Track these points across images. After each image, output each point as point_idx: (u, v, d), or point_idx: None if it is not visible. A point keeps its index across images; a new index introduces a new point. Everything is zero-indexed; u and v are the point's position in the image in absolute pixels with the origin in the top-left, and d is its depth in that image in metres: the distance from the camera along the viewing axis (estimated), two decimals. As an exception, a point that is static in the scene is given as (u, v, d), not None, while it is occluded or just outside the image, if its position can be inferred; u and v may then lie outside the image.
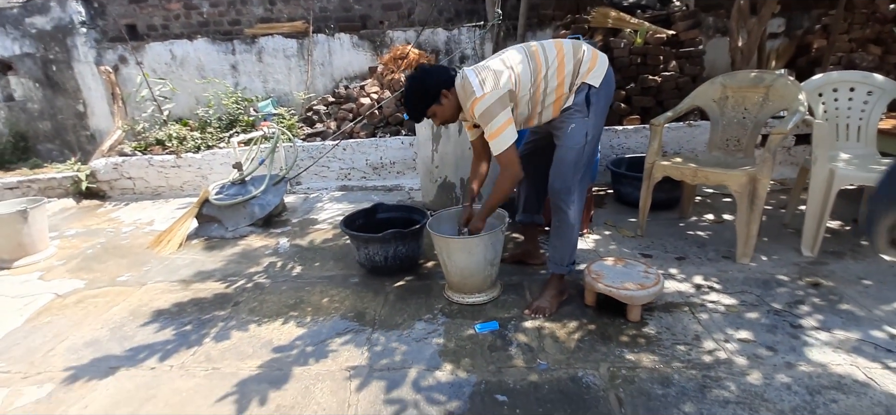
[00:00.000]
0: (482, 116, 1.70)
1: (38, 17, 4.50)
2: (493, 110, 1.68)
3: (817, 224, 2.14)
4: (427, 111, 1.80)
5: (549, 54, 1.77)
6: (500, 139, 1.70)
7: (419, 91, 1.78)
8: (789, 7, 3.98)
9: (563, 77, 1.76)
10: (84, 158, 4.58)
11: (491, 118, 1.69)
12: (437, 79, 1.78)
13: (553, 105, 1.80)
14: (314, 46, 4.46)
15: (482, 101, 1.68)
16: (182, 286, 2.30)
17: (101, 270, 2.57)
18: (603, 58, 1.80)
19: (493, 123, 1.69)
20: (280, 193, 3.16)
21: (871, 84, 2.35)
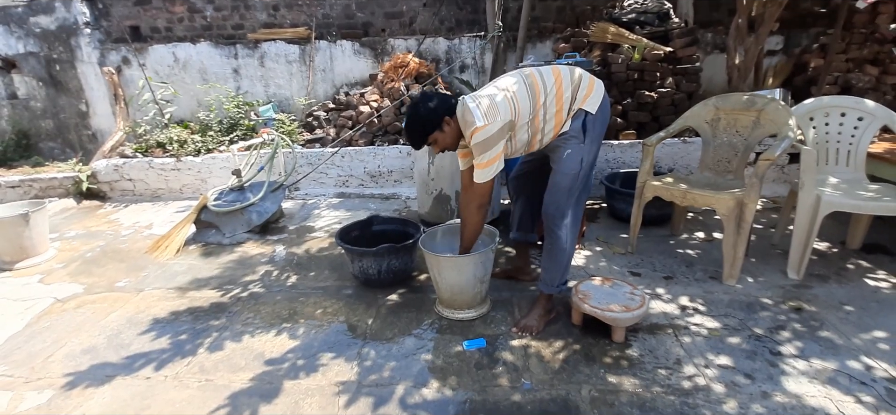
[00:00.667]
0: (478, 145, 1.73)
1: (42, 16, 4.55)
2: (490, 142, 1.71)
3: (803, 248, 2.17)
4: (429, 138, 1.81)
5: (548, 82, 1.78)
6: (487, 171, 1.76)
7: (422, 118, 1.78)
8: (787, 25, 4.01)
9: (562, 104, 1.77)
10: (85, 157, 4.63)
11: (486, 150, 1.73)
12: (439, 106, 1.79)
13: (553, 131, 1.82)
14: (316, 52, 4.51)
15: (482, 131, 1.70)
16: (178, 294, 2.34)
17: (99, 274, 2.62)
18: (599, 84, 1.83)
19: (486, 155, 1.73)
20: (278, 200, 3.20)
21: (862, 110, 2.38)
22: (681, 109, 3.54)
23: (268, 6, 4.56)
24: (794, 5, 3.77)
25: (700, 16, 4.18)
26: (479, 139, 1.72)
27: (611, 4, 4.11)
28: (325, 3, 4.53)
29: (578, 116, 1.78)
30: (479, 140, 1.72)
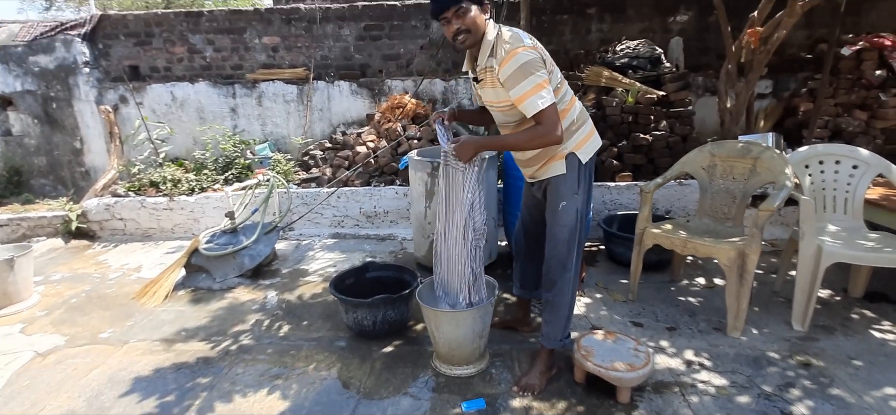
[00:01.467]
0: (522, 68, 1.53)
1: (42, 55, 4.58)
2: (534, 64, 1.54)
3: (807, 299, 2.14)
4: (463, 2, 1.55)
5: (569, 91, 1.77)
6: (541, 95, 1.53)
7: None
8: (776, 70, 4.11)
9: (567, 113, 1.72)
10: (77, 193, 4.57)
11: (531, 72, 1.52)
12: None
13: None
14: (314, 92, 4.55)
15: (526, 52, 1.54)
16: (165, 346, 2.24)
17: (83, 323, 2.52)
18: (597, 137, 1.83)
19: (535, 78, 1.53)
20: (271, 242, 3.14)
21: (857, 158, 2.40)
22: (675, 151, 3.58)
23: (267, 48, 4.64)
24: (782, 51, 3.88)
25: (690, 60, 4.28)
26: (523, 58, 1.52)
27: (603, 49, 4.21)
28: (324, 45, 4.61)
29: (572, 162, 1.74)
30: (525, 60, 1.52)
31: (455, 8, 1.56)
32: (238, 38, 4.61)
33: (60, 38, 4.53)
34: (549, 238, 1.81)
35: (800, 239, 2.14)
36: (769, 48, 3.20)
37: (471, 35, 1.60)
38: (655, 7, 4.41)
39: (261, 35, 4.61)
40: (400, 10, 4.54)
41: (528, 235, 2.04)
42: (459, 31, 1.59)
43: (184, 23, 4.61)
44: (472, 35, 1.60)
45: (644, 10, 4.42)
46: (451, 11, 1.57)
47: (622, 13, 4.44)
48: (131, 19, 4.65)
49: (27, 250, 2.78)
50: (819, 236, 2.16)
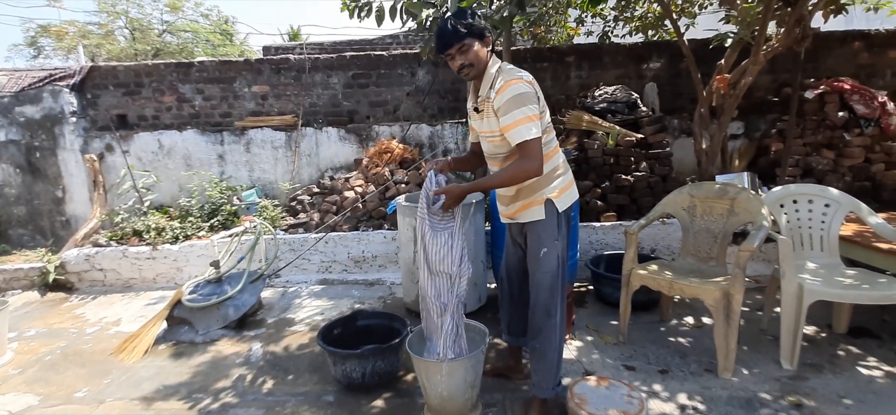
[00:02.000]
0: (516, 98, 1.61)
1: (28, 106, 4.57)
2: (529, 97, 1.63)
3: (793, 337, 2.16)
4: (467, 39, 1.66)
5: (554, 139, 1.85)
6: (528, 127, 1.60)
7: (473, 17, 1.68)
8: (746, 112, 4.32)
9: (550, 158, 1.78)
10: (56, 243, 4.45)
11: (523, 104, 1.61)
12: (487, 28, 1.71)
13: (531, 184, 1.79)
14: (302, 139, 4.60)
15: (523, 84, 1.63)
16: (143, 406, 2.14)
17: (58, 382, 2.39)
18: (574, 191, 1.90)
19: (527, 109, 1.61)
20: (257, 291, 3.08)
21: (828, 197, 2.50)
22: (656, 191, 3.68)
23: (257, 96, 4.72)
24: (750, 95, 4.10)
25: (665, 103, 4.48)
26: (517, 90, 1.61)
27: (583, 95, 4.40)
28: (313, 93, 4.71)
29: (551, 209, 1.78)
30: (517, 92, 1.61)
31: (459, 44, 1.67)
32: (228, 87, 4.69)
33: (49, 89, 4.55)
34: (532, 285, 1.82)
35: (781, 277, 2.19)
36: (738, 93, 3.38)
37: (474, 68, 1.71)
38: (629, 55, 4.65)
39: (250, 84, 4.70)
40: (386, 59, 4.70)
41: (512, 280, 2.06)
42: (463, 66, 1.71)
43: (174, 73, 4.68)
44: (476, 68, 1.71)
45: (619, 58, 4.65)
46: (455, 48, 1.68)
47: (599, 61, 4.67)
48: (121, 70, 4.71)
49: (2, 306, 2.68)
50: (799, 274, 2.22)
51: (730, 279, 2.12)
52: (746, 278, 3.28)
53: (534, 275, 1.82)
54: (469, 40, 1.67)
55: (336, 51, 5.95)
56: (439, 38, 1.70)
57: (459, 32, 1.65)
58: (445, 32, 1.67)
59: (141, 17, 13.11)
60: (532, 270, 1.82)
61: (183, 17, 13.57)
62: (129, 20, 13.00)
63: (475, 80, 1.79)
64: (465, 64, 1.69)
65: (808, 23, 3.16)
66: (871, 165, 3.82)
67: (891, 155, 3.83)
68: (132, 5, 12.90)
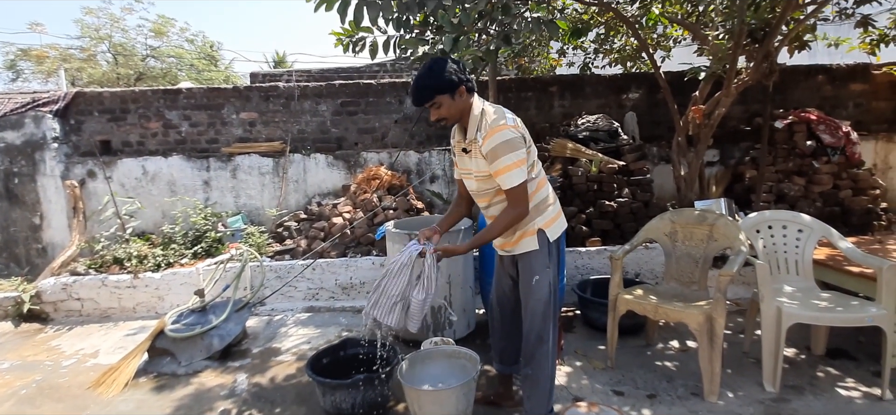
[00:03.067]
0: (504, 144, 1.66)
1: (9, 131, 4.48)
2: (515, 143, 1.68)
3: (774, 359, 2.23)
4: (436, 97, 1.70)
5: (542, 172, 1.90)
6: (518, 172, 1.68)
7: (441, 74, 1.69)
8: (721, 140, 4.52)
9: (538, 191, 1.84)
10: (32, 272, 4.30)
11: (511, 150, 1.66)
12: (461, 74, 1.72)
13: None
14: (290, 165, 4.61)
15: (508, 131, 1.67)
16: (121, 443, 2.06)
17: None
18: (563, 221, 1.95)
19: (514, 155, 1.67)
20: (242, 320, 3.02)
21: (800, 223, 2.62)
22: (639, 217, 3.79)
23: (245, 123, 4.73)
24: (724, 124, 4.29)
25: (644, 132, 4.66)
26: (503, 137, 1.65)
27: (566, 123, 4.54)
28: (302, 120, 4.75)
29: (542, 239, 1.84)
30: (504, 139, 1.65)
31: (429, 103, 1.75)
32: (215, 113, 4.70)
33: (31, 115, 4.47)
34: (525, 313, 1.85)
35: (760, 301, 2.27)
36: (712, 123, 3.55)
37: (450, 119, 1.78)
38: (609, 86, 4.84)
39: (238, 111, 4.71)
40: (375, 87, 4.79)
41: (503, 308, 2.08)
42: (439, 119, 1.78)
43: (161, 99, 4.67)
44: (452, 118, 1.78)
45: (600, 89, 4.84)
46: (426, 105, 1.76)
47: (581, 91, 4.84)
48: (107, 96, 4.68)
49: (-29, 340, 2.57)
50: (777, 298, 2.30)
51: (712, 303, 2.19)
52: (727, 301, 3.38)
53: (526, 303, 1.85)
54: (439, 97, 1.71)
55: (324, 78, 6.03)
56: (413, 96, 1.77)
57: (426, 94, 1.72)
58: (416, 92, 1.74)
59: (125, 42, 13.06)
60: (525, 298, 1.86)
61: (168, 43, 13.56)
62: (112, 45, 12.92)
63: (458, 124, 1.85)
64: (440, 117, 1.76)
65: (774, 58, 3.37)
66: (840, 191, 4.01)
67: (857, 182, 4.04)
68: (116, 30, 12.85)
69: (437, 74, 1.70)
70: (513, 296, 2.00)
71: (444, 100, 1.72)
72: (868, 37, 3.74)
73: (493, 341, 2.17)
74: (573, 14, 4.30)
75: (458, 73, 1.72)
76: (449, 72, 1.70)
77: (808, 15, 3.30)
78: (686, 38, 4.54)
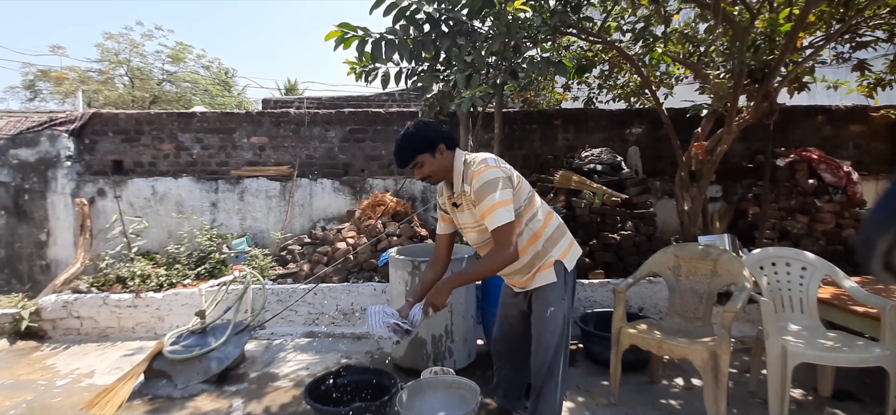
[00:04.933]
0: (485, 185, 1.65)
1: (24, 149, 4.59)
2: (498, 183, 1.65)
3: (780, 400, 2.18)
4: (417, 157, 1.73)
5: (544, 206, 1.89)
6: (504, 211, 1.63)
7: (418, 133, 1.73)
8: (723, 176, 4.55)
9: (545, 227, 1.83)
10: (33, 289, 4.30)
11: (493, 190, 1.64)
12: (439, 131, 1.75)
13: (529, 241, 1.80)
14: (296, 189, 4.67)
15: (489, 171, 1.66)
16: (113, 466, 2.02)
17: (19, 439, 2.25)
18: (577, 249, 1.95)
19: (498, 195, 1.63)
20: (241, 344, 3.00)
21: (804, 261, 2.61)
22: (642, 250, 3.78)
23: (255, 147, 4.82)
24: (726, 160, 4.34)
25: (647, 166, 4.71)
26: (486, 177, 1.64)
27: (570, 156, 4.60)
28: (310, 146, 4.84)
29: (560, 269, 1.84)
30: (487, 179, 1.64)
31: (411, 164, 1.77)
32: (227, 137, 4.80)
33: (47, 133, 4.59)
34: (535, 345, 1.83)
35: (765, 339, 2.24)
36: (715, 159, 3.59)
37: (434, 177, 1.80)
38: (612, 120, 4.93)
39: (249, 135, 4.81)
40: (383, 116, 4.90)
41: (510, 342, 2.05)
42: (424, 178, 1.81)
43: (175, 122, 4.79)
44: (436, 176, 1.80)
45: (603, 123, 4.93)
46: (408, 168, 1.78)
47: (584, 124, 4.93)
48: (123, 117, 4.81)
49: (-31, 355, 2.56)
50: (783, 336, 2.27)
51: (716, 340, 2.16)
52: (732, 339, 3.33)
53: (538, 334, 1.83)
54: (419, 156, 1.75)
55: (334, 106, 6.17)
56: (395, 159, 1.81)
57: (407, 154, 1.75)
58: (397, 155, 1.78)
59: (143, 66, 13.48)
60: (537, 329, 1.83)
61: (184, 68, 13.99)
62: (130, 69, 13.34)
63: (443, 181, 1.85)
64: (424, 176, 1.79)
65: (774, 98, 3.44)
66: (842, 230, 4.00)
67: (859, 221, 4.04)
68: (135, 55, 13.30)
69: (415, 135, 1.74)
70: (521, 327, 1.97)
71: (426, 159, 1.75)
72: (865, 80, 3.83)
73: (498, 375, 2.14)
74: (578, 51, 4.43)
75: (437, 132, 1.75)
76: (427, 131, 1.74)
77: (806, 58, 3.39)
78: (688, 76, 4.65)
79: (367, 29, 2.48)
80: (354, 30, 2.47)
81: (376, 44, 2.46)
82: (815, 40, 3.44)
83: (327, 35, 2.47)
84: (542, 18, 2.67)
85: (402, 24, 2.49)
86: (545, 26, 2.77)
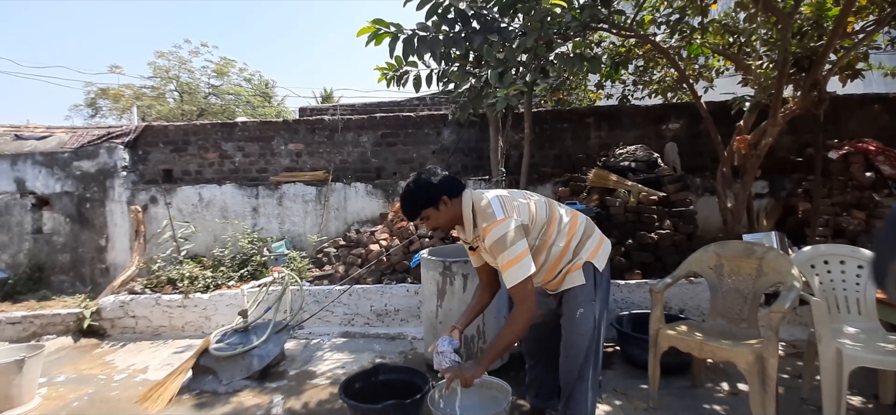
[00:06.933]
0: (495, 244, 1.63)
1: (86, 161, 4.99)
2: (509, 238, 1.62)
3: (836, 407, 2.04)
4: (421, 212, 1.77)
5: (567, 212, 1.87)
6: (517, 269, 1.60)
7: (419, 189, 1.77)
8: (769, 171, 4.31)
9: (571, 238, 1.82)
10: (94, 290, 4.66)
11: (504, 248, 1.62)
12: (440, 184, 1.77)
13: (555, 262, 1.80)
14: (332, 193, 4.82)
15: (498, 228, 1.63)
16: (166, 454, 2.15)
17: (84, 428, 2.44)
18: (607, 244, 1.92)
19: (510, 251, 1.61)
20: (281, 342, 3.13)
21: (861, 258, 2.43)
22: (681, 249, 3.64)
23: (292, 153, 5.02)
24: (772, 154, 4.11)
25: (686, 163, 4.53)
26: (496, 235, 1.62)
27: (603, 154, 4.50)
28: (344, 151, 4.99)
29: (589, 270, 1.82)
30: (497, 237, 1.62)
31: (419, 219, 1.81)
32: (266, 144, 5.02)
33: (105, 145, 4.97)
34: (564, 346, 1.81)
35: (818, 342, 2.10)
36: (759, 153, 3.41)
37: (443, 227, 1.83)
38: (648, 116, 4.78)
39: (287, 142, 5.02)
40: (414, 120, 4.97)
41: (542, 340, 2.04)
42: (434, 228, 1.85)
43: (219, 132, 5.06)
44: (445, 226, 1.83)
45: (638, 119, 4.79)
46: (417, 222, 1.83)
47: (618, 122, 4.81)
48: (172, 129, 5.13)
49: (38, 351, 2.78)
50: (837, 339, 2.12)
51: (763, 342, 2.05)
52: (783, 343, 3.14)
53: (568, 336, 1.81)
54: (424, 211, 1.77)
55: (367, 112, 6.33)
56: (404, 215, 1.84)
57: (413, 211, 1.79)
58: (405, 211, 1.82)
59: (190, 81, 14.33)
60: (566, 330, 1.82)
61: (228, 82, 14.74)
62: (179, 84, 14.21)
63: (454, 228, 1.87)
64: (433, 228, 1.83)
65: (823, 87, 3.23)
66: (907, 226, 3.69)
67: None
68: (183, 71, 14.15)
69: (416, 192, 1.77)
70: (553, 325, 1.96)
71: (431, 212, 1.78)
72: (929, 64, 3.53)
73: (530, 374, 2.13)
74: (611, 47, 4.33)
75: (438, 185, 1.77)
76: (428, 186, 1.76)
77: (858, 43, 3.16)
78: (729, 68, 4.44)
79: (400, 25, 2.50)
80: (387, 26, 2.49)
81: (408, 40, 2.47)
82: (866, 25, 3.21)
83: (360, 31, 2.48)
84: (571, 14, 2.63)
85: (434, 21, 2.51)
86: (575, 22, 2.73)
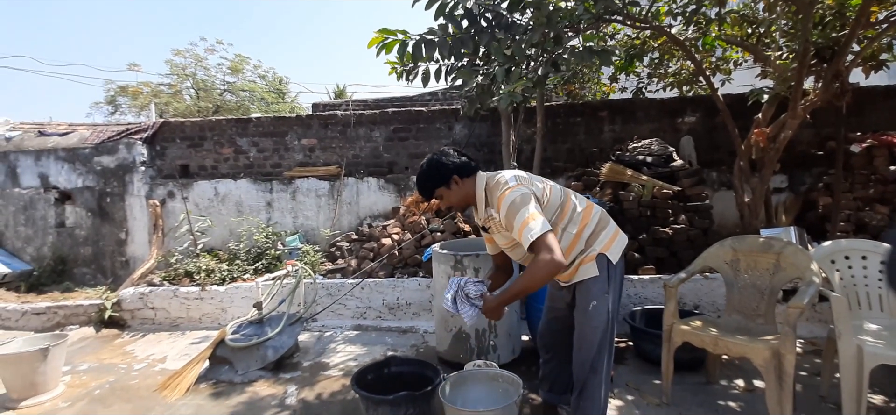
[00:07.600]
0: (511, 207, 1.63)
1: (106, 156, 5.12)
2: (521, 201, 1.63)
3: (856, 406, 1.99)
4: (435, 191, 1.82)
5: (581, 202, 1.87)
6: (534, 223, 1.58)
7: (432, 169, 1.80)
8: (789, 165, 4.21)
9: (584, 226, 1.81)
10: (115, 282, 4.78)
11: (520, 208, 1.62)
12: (452, 164, 1.79)
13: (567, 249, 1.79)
14: (344, 187, 4.86)
15: (512, 192, 1.65)
16: (184, 441, 2.21)
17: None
18: (622, 237, 1.90)
19: (525, 211, 1.61)
20: (295, 334, 3.18)
21: (882, 253, 2.37)
22: (697, 245, 3.58)
23: (305, 148, 5.07)
24: (791, 148, 4.01)
25: (701, 156, 4.44)
26: (511, 198, 1.64)
27: (617, 148, 4.44)
28: (356, 145, 5.02)
29: (602, 262, 1.81)
30: (512, 200, 1.64)
31: (433, 198, 1.86)
32: (280, 140, 5.08)
33: (124, 141, 5.09)
34: (577, 339, 1.81)
35: (837, 339, 2.06)
36: (778, 146, 3.33)
37: (456, 205, 1.87)
38: (663, 109, 4.70)
39: (300, 137, 5.07)
40: (426, 114, 4.98)
41: (556, 335, 2.03)
42: (448, 208, 1.91)
43: (234, 128, 5.14)
44: (458, 205, 1.87)
45: (652, 113, 4.71)
46: (430, 202, 1.83)
47: (632, 115, 4.74)
48: (188, 125, 5.22)
49: (62, 340, 2.87)
50: (858, 336, 2.07)
51: (780, 338, 2.01)
52: (801, 340, 3.08)
53: (581, 328, 1.80)
54: (437, 190, 1.82)
55: (379, 107, 6.35)
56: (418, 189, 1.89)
57: (426, 191, 1.84)
58: (419, 191, 1.88)
59: (206, 79, 14.54)
60: (579, 323, 1.81)
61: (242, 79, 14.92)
62: (195, 81, 14.43)
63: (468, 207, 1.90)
64: (447, 207, 1.89)
65: (845, 78, 3.14)
66: (934, 222, 3.58)
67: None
68: (199, 68, 14.37)
69: (428, 171, 1.82)
70: (567, 319, 1.95)
71: (443, 191, 1.82)
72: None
73: (543, 369, 2.12)
74: (625, 39, 4.26)
75: (449, 165, 1.79)
76: (439, 166, 1.79)
77: (882, 32, 3.06)
78: (747, 60, 4.33)
79: (407, 32, 2.54)
80: (394, 34, 2.53)
81: (417, 46, 2.51)
82: (891, 14, 3.10)
83: (369, 42, 2.55)
84: (584, 6, 2.60)
85: (441, 24, 2.52)
86: (588, 14, 2.70)
